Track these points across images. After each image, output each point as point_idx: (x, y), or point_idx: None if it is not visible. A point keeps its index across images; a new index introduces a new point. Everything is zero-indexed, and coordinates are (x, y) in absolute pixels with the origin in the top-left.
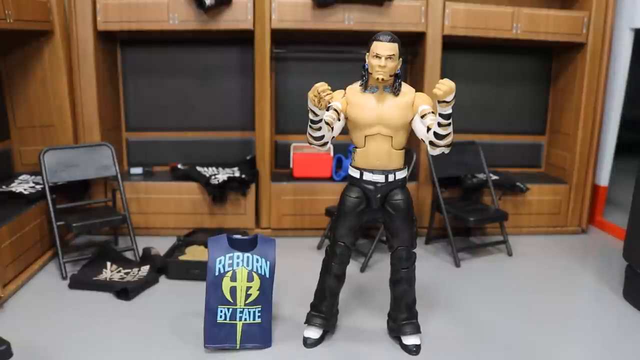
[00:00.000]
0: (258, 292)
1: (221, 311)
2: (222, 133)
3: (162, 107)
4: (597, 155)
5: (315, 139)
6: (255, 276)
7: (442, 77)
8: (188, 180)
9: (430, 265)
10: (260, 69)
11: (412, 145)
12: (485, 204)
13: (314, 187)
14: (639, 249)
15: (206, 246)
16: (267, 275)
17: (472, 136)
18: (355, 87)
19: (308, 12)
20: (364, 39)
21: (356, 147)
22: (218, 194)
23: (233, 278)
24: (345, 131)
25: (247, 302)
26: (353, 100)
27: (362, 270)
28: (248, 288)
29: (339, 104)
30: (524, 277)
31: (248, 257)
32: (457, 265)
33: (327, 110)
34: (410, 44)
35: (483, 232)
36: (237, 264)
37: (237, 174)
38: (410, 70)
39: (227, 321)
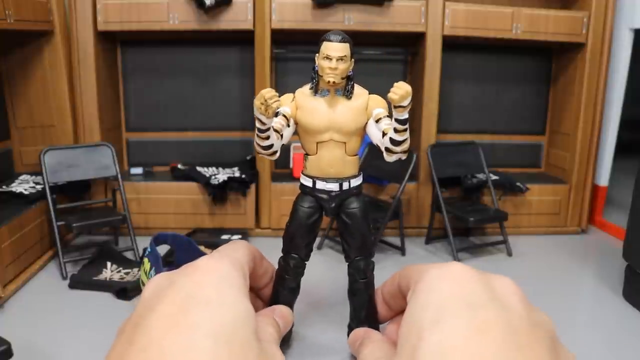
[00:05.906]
0: None
1: None
2: (222, 133)
3: (162, 107)
4: (597, 155)
5: (264, 148)
6: None
7: (442, 78)
8: (188, 180)
9: None
10: (260, 69)
11: (411, 145)
12: (485, 204)
13: None
14: (638, 249)
15: (207, 246)
16: None
17: (472, 136)
18: (305, 90)
19: (308, 12)
20: (363, 39)
21: (307, 154)
22: (218, 194)
23: None
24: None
25: None
26: (303, 105)
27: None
28: None
29: (287, 109)
30: (523, 277)
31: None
32: None
33: (276, 116)
34: (410, 44)
35: (483, 232)
36: None
37: (237, 174)
38: (411, 71)
39: None
